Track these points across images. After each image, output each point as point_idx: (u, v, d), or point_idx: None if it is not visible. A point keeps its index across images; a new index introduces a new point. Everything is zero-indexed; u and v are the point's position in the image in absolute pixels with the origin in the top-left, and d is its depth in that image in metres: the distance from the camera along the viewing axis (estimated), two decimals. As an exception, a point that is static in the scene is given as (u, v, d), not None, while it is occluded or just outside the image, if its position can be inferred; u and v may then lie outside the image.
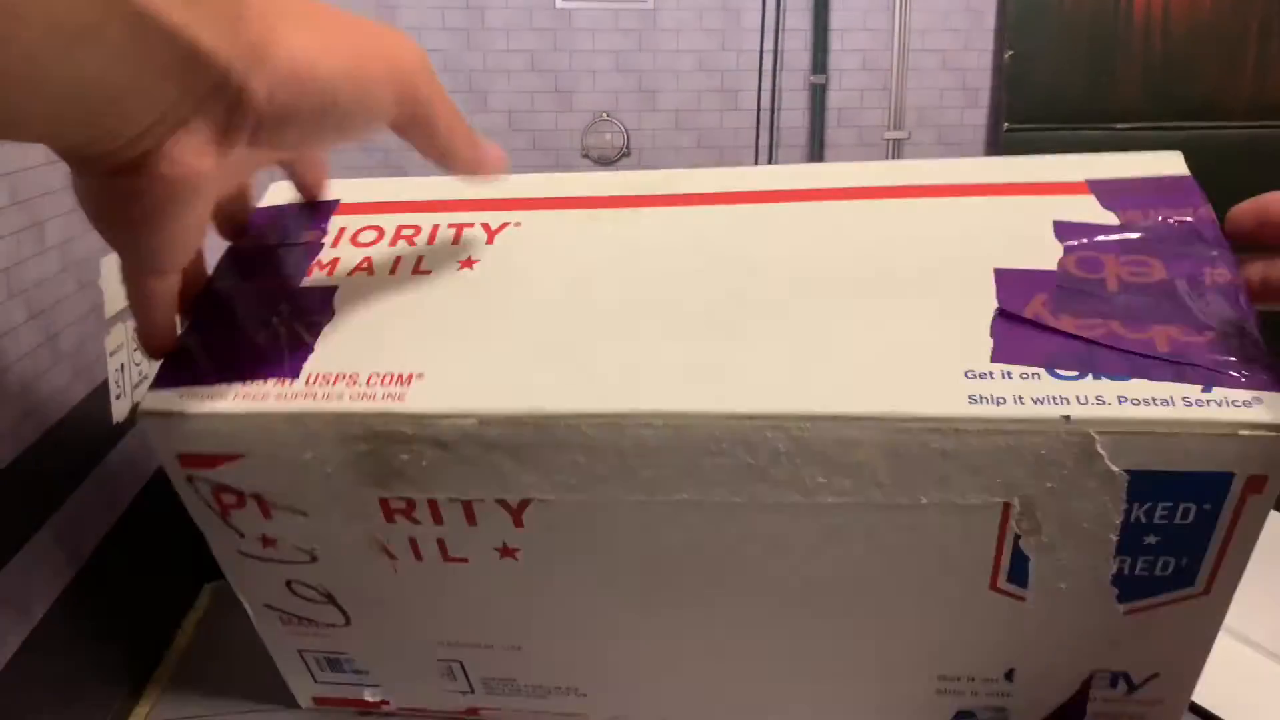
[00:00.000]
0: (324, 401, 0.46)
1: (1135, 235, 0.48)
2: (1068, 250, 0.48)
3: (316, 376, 0.47)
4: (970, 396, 0.43)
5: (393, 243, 0.55)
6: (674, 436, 0.43)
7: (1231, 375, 0.42)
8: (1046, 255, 0.48)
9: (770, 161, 1.04)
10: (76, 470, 0.63)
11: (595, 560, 0.49)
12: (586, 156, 1.00)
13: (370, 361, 0.48)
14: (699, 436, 0.43)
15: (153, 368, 0.57)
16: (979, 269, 0.47)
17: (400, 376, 0.46)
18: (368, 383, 0.46)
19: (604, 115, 0.97)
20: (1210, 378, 0.41)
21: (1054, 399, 0.42)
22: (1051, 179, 0.52)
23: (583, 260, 0.51)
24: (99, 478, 0.66)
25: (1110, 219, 0.49)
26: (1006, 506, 0.44)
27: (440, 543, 0.48)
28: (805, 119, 1.01)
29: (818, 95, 1.01)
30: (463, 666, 0.55)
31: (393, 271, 0.53)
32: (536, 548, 0.48)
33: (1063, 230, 0.48)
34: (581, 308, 0.49)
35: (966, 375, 0.44)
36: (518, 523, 0.47)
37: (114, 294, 0.69)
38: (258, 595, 0.54)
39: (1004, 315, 0.45)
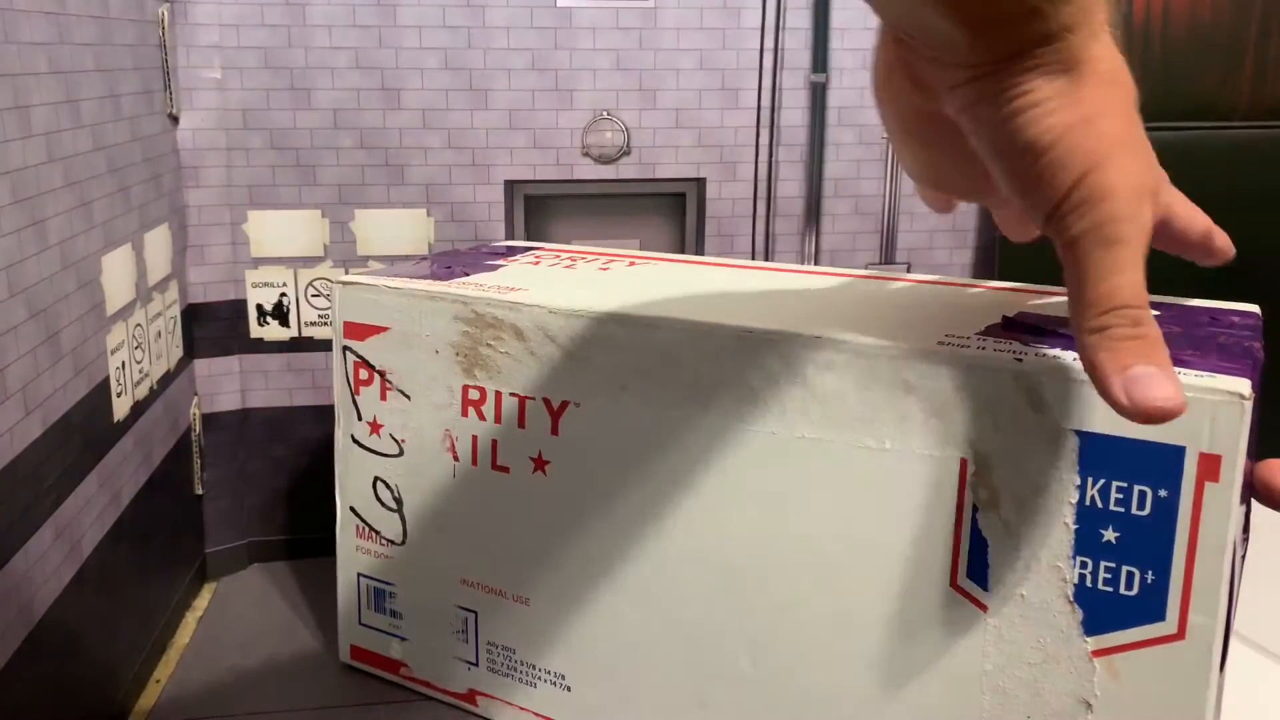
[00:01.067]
0: (454, 288, 0.59)
1: (1170, 314, 0.56)
2: None
3: (460, 283, 0.61)
4: (940, 341, 0.47)
5: (560, 258, 0.73)
6: (690, 342, 0.51)
7: (1195, 364, 0.44)
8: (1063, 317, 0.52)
9: (771, 159, 1.04)
10: (78, 468, 0.63)
11: (607, 483, 0.55)
12: (587, 155, 1.00)
13: (499, 281, 0.61)
14: (710, 345, 0.50)
15: (153, 366, 0.60)
16: (990, 313, 0.53)
17: (512, 288, 0.59)
18: (488, 289, 0.59)
19: (604, 113, 0.97)
20: (1175, 363, 0.43)
21: (1014, 353, 0.45)
22: None
23: (683, 271, 0.66)
24: (101, 475, 0.66)
25: (1154, 311, 0.54)
26: (963, 464, 0.46)
27: (494, 445, 0.58)
28: (805, 118, 1.01)
29: (818, 94, 1.01)
30: (476, 621, 0.63)
31: (549, 266, 0.68)
32: (563, 460, 0.56)
33: None
34: (664, 283, 0.60)
35: (946, 335, 0.48)
36: (554, 429, 0.56)
37: (114, 292, 0.70)
38: (350, 494, 0.65)
39: (1005, 320, 0.50)
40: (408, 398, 0.61)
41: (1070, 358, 0.44)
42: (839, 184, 1.06)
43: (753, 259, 1.00)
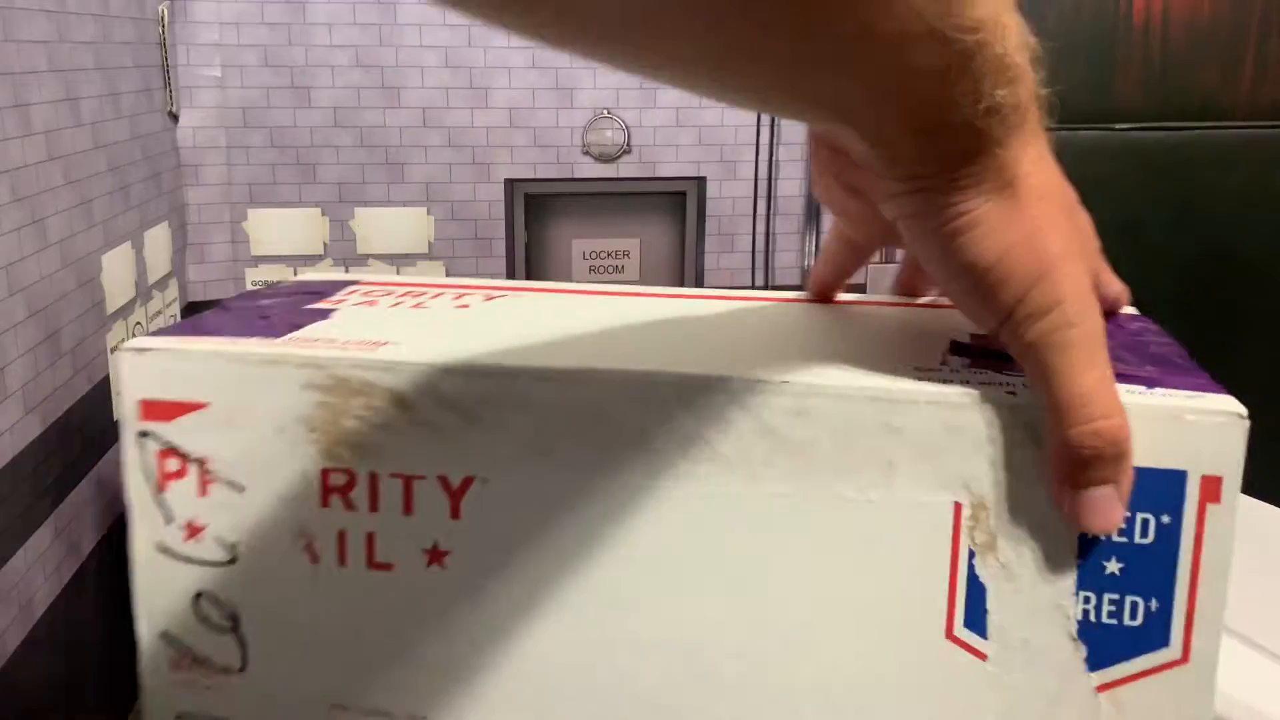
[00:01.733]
0: (297, 347, 0.48)
1: None
2: None
3: (297, 339, 0.50)
4: (917, 373, 0.45)
5: (399, 297, 0.60)
6: (630, 395, 0.45)
7: (1171, 380, 0.44)
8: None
9: (771, 158, 1.05)
10: (78, 466, 0.63)
11: (528, 570, 0.48)
12: (587, 154, 1.00)
13: (340, 332, 0.51)
14: (655, 397, 0.44)
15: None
16: (936, 334, 0.51)
17: (376, 342, 0.49)
18: (344, 345, 0.49)
19: (604, 112, 0.97)
20: (1151, 384, 0.43)
21: (1001, 384, 0.44)
22: None
23: (562, 304, 0.56)
24: (101, 474, 0.67)
25: None
26: (958, 509, 0.44)
27: (369, 539, 0.48)
28: (805, 117, 1.02)
29: (818, 93, 1.01)
30: None
31: (392, 306, 0.57)
32: (467, 548, 0.48)
33: None
34: (554, 322, 0.52)
35: (916, 368, 0.46)
36: (454, 512, 0.47)
37: (115, 290, 0.70)
38: (159, 616, 0.53)
39: (955, 345, 0.49)
40: (240, 490, 0.52)
41: None
42: (839, 183, 1.06)
43: (753, 258, 1.00)
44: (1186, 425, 0.42)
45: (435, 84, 0.94)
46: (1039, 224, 0.39)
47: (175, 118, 0.84)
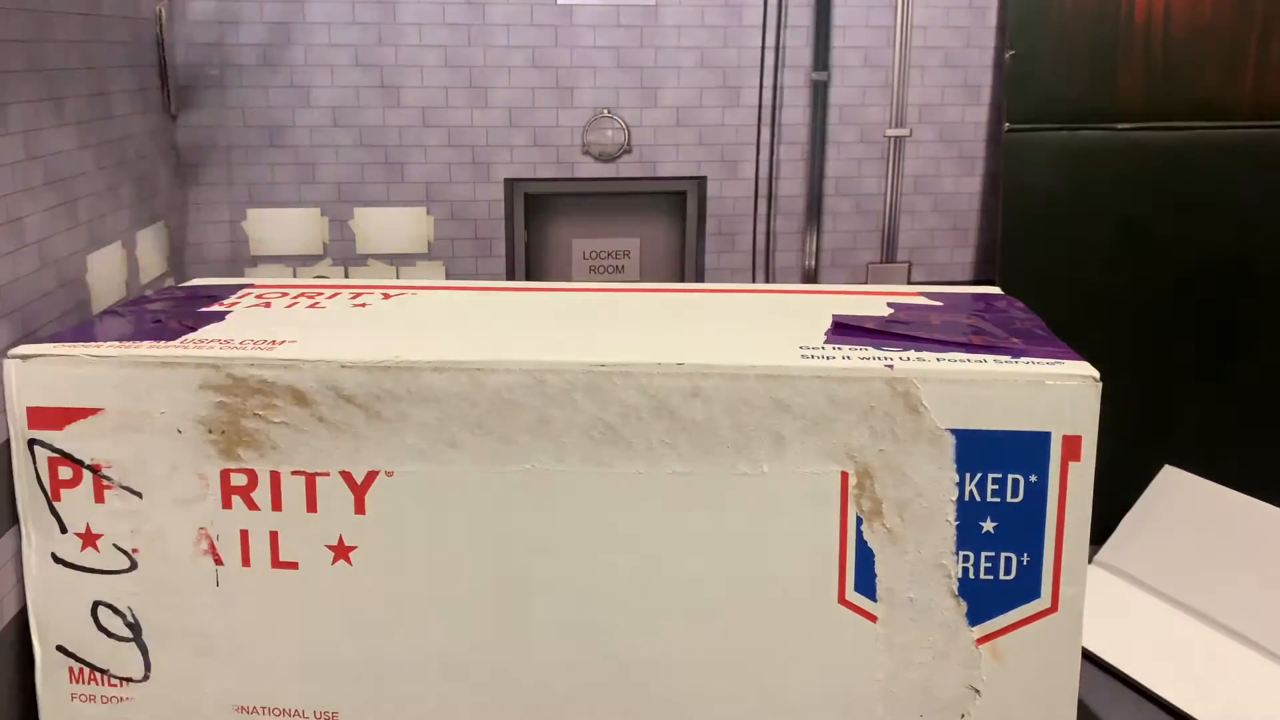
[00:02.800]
0: (193, 350, 0.48)
1: (955, 307, 0.56)
2: (896, 308, 0.56)
3: (191, 341, 0.50)
4: (802, 352, 0.47)
5: (294, 298, 0.60)
6: (533, 384, 0.46)
7: (1035, 350, 0.47)
8: (879, 313, 0.54)
9: (772, 158, 1.04)
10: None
11: (434, 561, 0.48)
12: (587, 153, 1.00)
13: (236, 332, 0.51)
14: (558, 385, 0.45)
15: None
16: (821, 315, 0.53)
17: (273, 341, 0.49)
18: (240, 344, 0.49)
19: (605, 111, 0.97)
20: (1017, 355, 0.46)
21: (880, 359, 0.46)
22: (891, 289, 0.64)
23: (460, 301, 0.59)
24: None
25: (936, 303, 0.58)
26: (845, 478, 0.46)
27: (273, 538, 0.48)
28: (806, 116, 1.00)
29: (819, 92, 1.00)
30: None
31: (288, 307, 0.58)
32: (373, 543, 0.48)
33: (895, 306, 0.57)
34: (453, 318, 0.54)
35: (801, 347, 0.47)
36: (359, 507, 0.47)
37: (101, 290, 0.70)
38: (55, 629, 0.51)
39: (838, 325, 0.51)
40: (138, 495, 0.49)
41: (935, 357, 0.46)
42: (840, 183, 1.06)
43: (754, 258, 0.99)
44: (1047, 389, 0.45)
45: (435, 83, 0.94)
46: None
47: (173, 117, 0.85)
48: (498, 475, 0.47)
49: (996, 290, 0.64)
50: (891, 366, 0.46)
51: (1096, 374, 0.44)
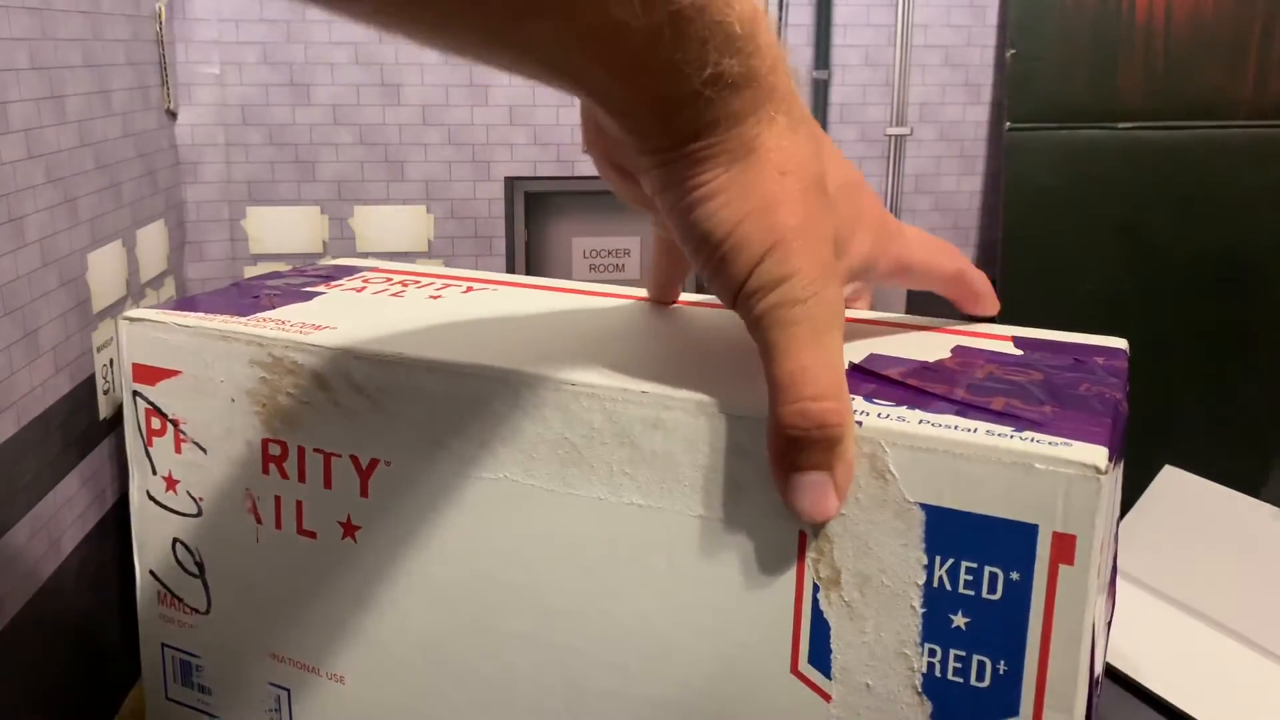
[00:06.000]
0: (249, 327, 0.53)
1: (1026, 362, 0.48)
2: (954, 352, 0.48)
3: (259, 319, 0.54)
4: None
5: (392, 285, 0.64)
6: (505, 393, 0.46)
7: (1059, 425, 0.39)
8: (930, 355, 0.48)
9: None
10: (59, 465, 0.63)
11: (421, 554, 0.50)
12: (588, 152, 1.00)
13: (305, 316, 0.55)
14: (529, 398, 0.46)
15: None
16: (857, 353, 0.48)
17: (315, 326, 0.53)
18: (289, 327, 0.53)
19: (605, 110, 0.98)
20: (1027, 426, 0.39)
21: (856, 412, 0.40)
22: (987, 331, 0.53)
23: (527, 300, 0.59)
24: (84, 473, 0.66)
25: (1016, 351, 0.49)
26: (802, 539, 0.41)
27: (299, 507, 0.52)
28: (807, 115, 1.01)
29: (820, 91, 1.00)
30: (289, 699, 0.56)
31: (374, 294, 0.61)
32: (373, 525, 0.51)
33: (960, 350, 0.49)
34: (495, 318, 0.55)
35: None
36: (364, 490, 0.50)
37: (102, 289, 0.70)
38: (148, 555, 0.59)
39: (853, 368, 0.46)
40: (204, 451, 0.54)
41: (920, 418, 0.40)
42: (840, 182, 1.06)
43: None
44: (1036, 474, 0.39)
45: (435, 81, 0.93)
46: (777, 196, 0.38)
47: (173, 115, 0.84)
48: (476, 481, 0.47)
49: (1120, 344, 0.55)
50: (860, 424, 0.40)
51: (1104, 464, 0.37)
